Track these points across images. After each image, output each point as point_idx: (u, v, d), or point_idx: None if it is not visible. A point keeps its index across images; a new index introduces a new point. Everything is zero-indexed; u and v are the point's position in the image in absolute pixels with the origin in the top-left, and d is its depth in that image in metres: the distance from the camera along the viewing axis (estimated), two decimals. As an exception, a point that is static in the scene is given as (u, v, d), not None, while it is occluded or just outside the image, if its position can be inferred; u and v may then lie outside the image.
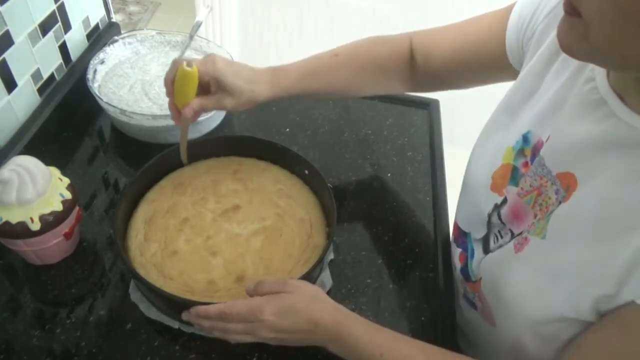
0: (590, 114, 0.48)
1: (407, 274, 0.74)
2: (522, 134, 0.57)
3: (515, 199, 0.57)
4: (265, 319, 0.55)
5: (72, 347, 0.62)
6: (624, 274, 0.43)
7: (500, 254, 0.58)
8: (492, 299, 0.59)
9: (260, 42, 2.06)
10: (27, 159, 0.63)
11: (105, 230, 0.75)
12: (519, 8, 0.61)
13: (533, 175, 0.54)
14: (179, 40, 1.00)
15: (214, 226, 0.71)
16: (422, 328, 0.68)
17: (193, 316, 0.59)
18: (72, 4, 0.91)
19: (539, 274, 0.51)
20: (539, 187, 0.53)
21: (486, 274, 0.60)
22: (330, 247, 0.72)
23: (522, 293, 0.53)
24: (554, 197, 0.51)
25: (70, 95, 0.90)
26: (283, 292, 0.57)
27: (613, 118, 0.45)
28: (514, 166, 0.58)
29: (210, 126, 0.92)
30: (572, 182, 0.49)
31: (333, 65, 0.74)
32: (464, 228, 0.67)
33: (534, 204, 0.54)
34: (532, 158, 0.56)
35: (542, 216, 0.53)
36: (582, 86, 0.49)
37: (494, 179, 0.61)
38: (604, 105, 0.46)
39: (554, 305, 0.49)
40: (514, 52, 0.62)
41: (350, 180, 0.86)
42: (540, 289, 0.51)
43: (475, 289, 0.63)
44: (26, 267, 0.70)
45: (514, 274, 0.54)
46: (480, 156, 0.65)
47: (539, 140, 0.55)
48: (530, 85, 0.58)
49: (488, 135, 0.64)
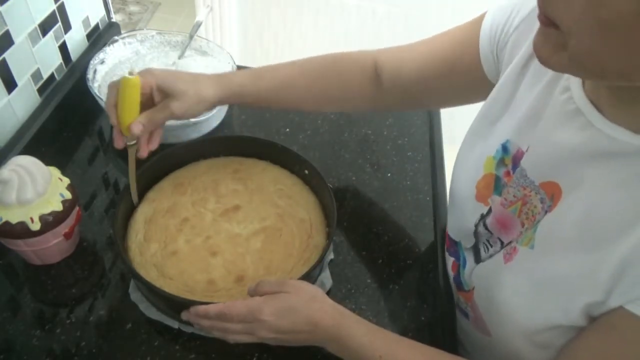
0: (568, 124, 0.47)
1: (407, 274, 0.74)
2: (501, 144, 0.57)
3: (500, 209, 0.57)
4: (264, 319, 0.55)
5: (72, 347, 0.62)
6: (612, 282, 0.43)
7: (491, 263, 0.57)
8: (485, 308, 0.59)
9: (260, 42, 2.06)
10: (27, 159, 0.63)
11: (105, 230, 0.75)
12: (490, 17, 0.60)
13: (516, 186, 0.54)
14: (179, 40, 1.00)
15: (214, 226, 0.71)
16: (422, 328, 0.68)
17: (193, 316, 0.59)
18: (72, 4, 0.91)
19: (529, 284, 0.51)
20: (522, 197, 0.53)
21: (478, 283, 0.59)
22: (330, 247, 0.72)
23: (514, 303, 0.53)
24: (540, 206, 0.51)
25: (70, 95, 0.90)
26: (282, 292, 0.57)
27: (591, 128, 0.45)
28: (497, 176, 0.58)
29: (210, 126, 0.92)
30: (556, 191, 0.49)
31: (288, 71, 0.71)
32: (455, 237, 0.67)
33: (519, 213, 0.54)
34: (513, 167, 0.55)
35: (529, 225, 0.52)
36: (559, 96, 0.49)
37: (478, 189, 0.60)
38: (581, 115, 0.46)
39: (546, 315, 0.49)
40: (490, 62, 0.61)
41: (350, 180, 0.86)
42: (531, 299, 0.51)
43: (468, 298, 0.63)
44: (26, 267, 0.70)
45: (505, 284, 0.54)
46: (463, 167, 0.64)
47: (518, 149, 0.54)
48: (506, 94, 0.57)
49: (469, 145, 0.64)
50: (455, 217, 0.67)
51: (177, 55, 0.97)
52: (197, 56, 0.98)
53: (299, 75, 0.71)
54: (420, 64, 0.67)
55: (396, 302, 0.70)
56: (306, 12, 1.90)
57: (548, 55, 0.40)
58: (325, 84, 0.72)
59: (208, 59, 0.98)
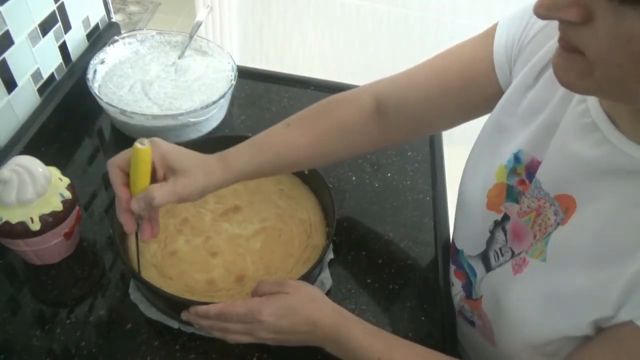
0: (584, 138, 0.47)
1: (407, 274, 0.74)
2: (513, 153, 0.56)
3: (515, 218, 0.56)
4: (264, 320, 0.55)
5: (72, 347, 0.62)
6: (623, 297, 0.43)
7: (501, 272, 0.57)
8: (493, 317, 0.58)
9: (260, 42, 2.06)
10: (27, 159, 0.63)
11: (105, 230, 0.75)
12: (505, 28, 0.59)
13: (531, 197, 0.54)
14: (179, 40, 1.00)
15: (213, 226, 0.71)
16: (422, 328, 0.68)
17: (192, 316, 0.59)
18: (72, 4, 0.91)
19: (540, 297, 0.50)
20: (537, 208, 0.53)
21: (487, 292, 0.59)
22: (330, 247, 0.72)
23: (523, 314, 0.52)
24: (553, 218, 0.50)
25: (70, 95, 0.90)
26: (281, 293, 0.57)
27: (607, 144, 0.44)
28: (508, 185, 0.57)
29: (210, 126, 0.92)
30: (570, 204, 0.48)
31: (284, 136, 0.65)
32: (459, 246, 0.66)
33: (532, 224, 0.54)
34: (528, 176, 0.55)
35: (540, 237, 0.52)
36: (575, 107, 0.48)
37: (489, 197, 0.59)
38: (597, 130, 0.45)
39: (555, 327, 0.49)
40: (505, 74, 0.60)
41: (350, 180, 0.86)
42: (541, 311, 0.50)
43: (475, 306, 0.62)
44: (26, 267, 0.70)
45: (514, 295, 0.53)
46: (473, 174, 0.63)
47: (532, 159, 0.54)
48: (517, 103, 0.56)
49: (479, 152, 0.63)
50: (463, 225, 0.66)
51: (177, 55, 0.97)
52: (197, 56, 0.98)
53: (296, 137, 0.65)
54: (428, 88, 0.64)
55: (396, 302, 0.70)
56: (306, 12, 1.90)
57: (573, 80, 0.39)
58: (325, 138, 0.66)
59: (208, 59, 0.98)
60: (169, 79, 0.93)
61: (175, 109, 0.87)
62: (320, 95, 1.00)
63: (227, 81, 0.93)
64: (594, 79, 0.37)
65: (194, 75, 0.94)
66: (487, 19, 0.78)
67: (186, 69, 0.95)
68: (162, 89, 0.91)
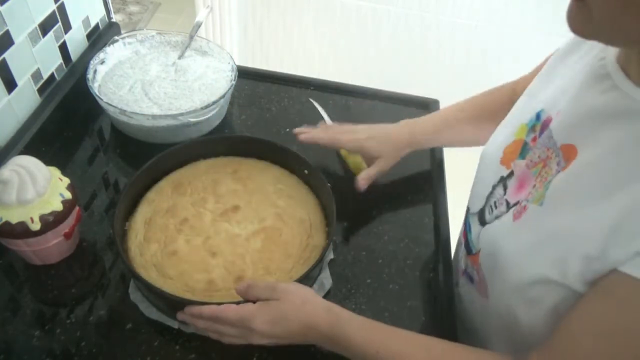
0: (596, 86, 0.50)
1: (407, 274, 0.74)
2: (536, 112, 0.60)
3: (524, 170, 0.58)
4: (256, 328, 0.55)
5: (72, 347, 0.62)
6: (609, 234, 0.44)
7: (498, 224, 0.59)
8: (487, 268, 0.60)
9: (260, 42, 2.06)
10: (27, 159, 0.63)
11: (105, 230, 0.75)
12: None
13: (541, 147, 0.56)
14: (179, 40, 1.00)
15: (213, 226, 0.71)
16: (422, 328, 0.68)
17: (187, 316, 0.59)
18: (72, 4, 0.91)
19: (532, 239, 0.52)
20: (545, 159, 0.55)
21: (485, 244, 0.61)
22: (330, 247, 0.72)
23: (514, 256, 0.54)
24: (555, 168, 0.53)
25: (70, 95, 0.90)
26: (272, 300, 0.57)
27: (616, 90, 0.48)
28: (525, 141, 0.60)
29: (210, 126, 0.92)
30: (572, 153, 0.51)
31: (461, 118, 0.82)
32: (469, 204, 0.69)
33: (538, 175, 0.56)
34: (540, 132, 0.58)
35: (540, 185, 0.54)
36: (594, 63, 0.52)
37: (504, 153, 0.63)
38: (609, 79, 0.49)
39: (541, 268, 0.50)
40: None
41: (350, 180, 0.86)
42: (530, 251, 0.52)
43: (474, 261, 0.64)
44: (26, 267, 0.70)
45: (510, 241, 0.55)
46: (497, 135, 0.67)
47: (549, 116, 0.57)
48: (549, 71, 0.62)
49: (507, 118, 0.67)
50: (476, 183, 0.69)
51: (177, 55, 0.97)
52: (197, 56, 0.98)
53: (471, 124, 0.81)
54: None
55: (396, 302, 0.70)
56: (306, 12, 1.90)
57: (579, 27, 0.44)
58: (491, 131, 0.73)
59: (208, 59, 0.98)
60: (169, 79, 0.93)
61: (175, 109, 0.87)
62: (320, 95, 1.01)
63: (227, 81, 0.93)
64: (594, 24, 0.42)
65: (194, 75, 0.94)
66: (487, 19, 0.78)
67: (186, 69, 0.95)
68: (162, 89, 0.91)
